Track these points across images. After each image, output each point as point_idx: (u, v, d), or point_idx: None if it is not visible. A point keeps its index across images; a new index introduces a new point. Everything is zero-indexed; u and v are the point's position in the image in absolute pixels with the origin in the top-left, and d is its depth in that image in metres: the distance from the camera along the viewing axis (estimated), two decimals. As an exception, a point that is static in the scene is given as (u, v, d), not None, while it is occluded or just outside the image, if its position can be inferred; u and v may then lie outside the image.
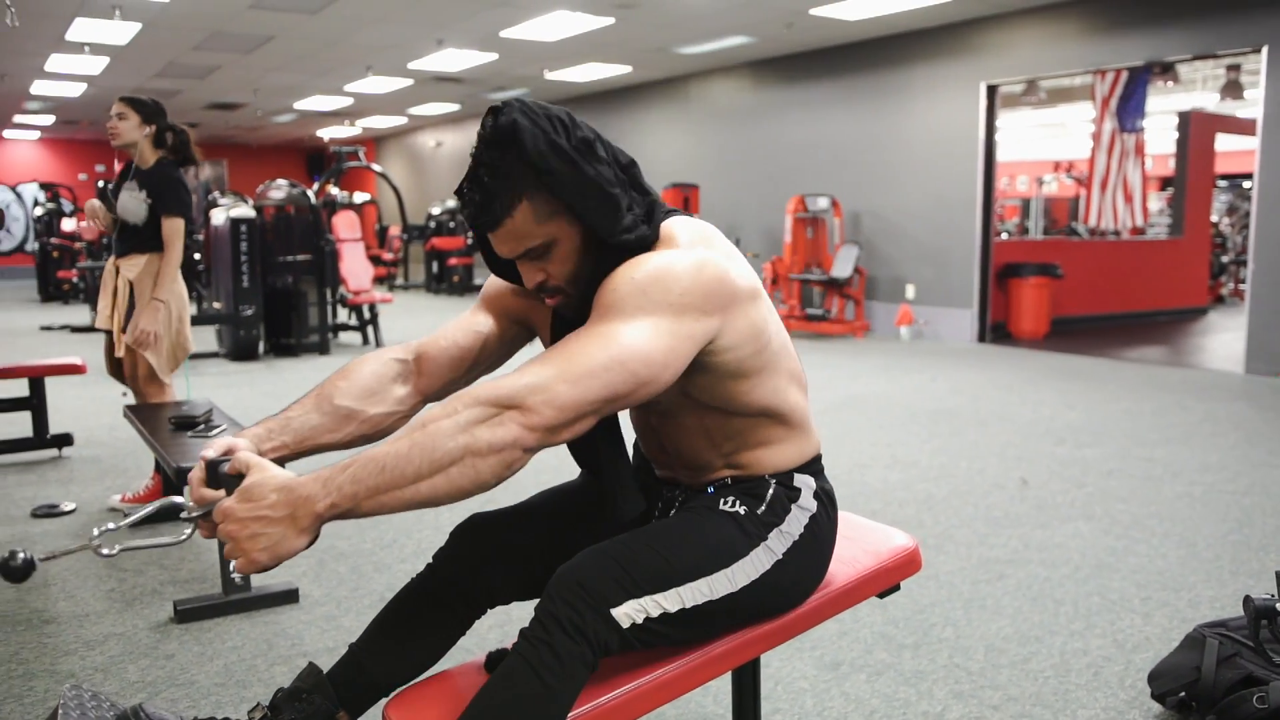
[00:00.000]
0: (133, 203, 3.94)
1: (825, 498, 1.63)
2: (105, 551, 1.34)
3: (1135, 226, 11.27)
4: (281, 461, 1.46)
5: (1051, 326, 10.03)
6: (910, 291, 9.92)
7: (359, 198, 16.82)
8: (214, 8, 8.60)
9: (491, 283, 1.71)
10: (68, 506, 4.07)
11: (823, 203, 10.17)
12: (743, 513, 1.55)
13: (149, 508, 1.38)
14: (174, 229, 3.96)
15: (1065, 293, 10.54)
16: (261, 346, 8.70)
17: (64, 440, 4.97)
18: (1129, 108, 10.43)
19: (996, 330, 9.66)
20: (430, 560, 1.69)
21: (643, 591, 1.42)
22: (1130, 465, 4.67)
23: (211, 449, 1.39)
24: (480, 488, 1.26)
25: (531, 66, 11.77)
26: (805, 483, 1.61)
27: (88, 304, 11.38)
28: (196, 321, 9.32)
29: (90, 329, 10.62)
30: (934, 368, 7.77)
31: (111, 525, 1.36)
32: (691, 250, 1.45)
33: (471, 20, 9.16)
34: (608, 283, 1.40)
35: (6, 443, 4.88)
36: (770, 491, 1.58)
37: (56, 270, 14.38)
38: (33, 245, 17.11)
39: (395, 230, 16.90)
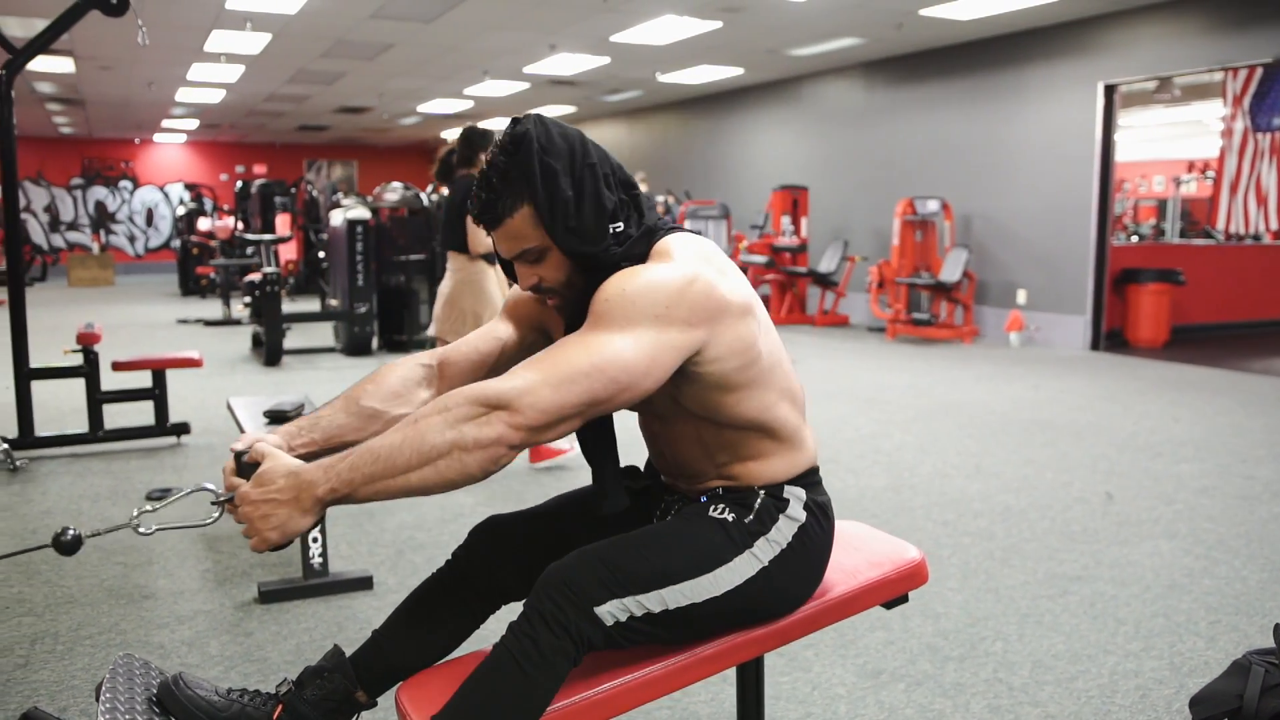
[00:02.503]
0: None
1: (817, 509, 1.68)
2: (143, 530, 1.50)
3: (1272, 230, 10.69)
4: (310, 457, 1.58)
5: (1172, 335, 9.62)
6: (1021, 297, 9.66)
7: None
8: (337, 18, 9.01)
9: (513, 292, 1.82)
10: (179, 492, 4.37)
11: (932, 205, 10.00)
12: (731, 520, 1.61)
13: (183, 491, 1.55)
14: None
15: (1189, 299, 10.09)
16: (375, 343, 9.08)
17: (182, 429, 5.32)
18: (1264, 106, 9.90)
19: (1112, 338, 9.32)
20: (450, 557, 1.80)
21: (626, 591, 1.50)
22: (1227, 483, 4.49)
23: (240, 442, 1.52)
24: (467, 480, 1.37)
25: (643, 69, 11.90)
26: (795, 494, 1.66)
27: (221, 299, 12.03)
28: (316, 318, 9.78)
29: (222, 323, 11.26)
30: (1039, 375, 7.57)
31: (149, 507, 1.53)
32: (684, 265, 1.53)
33: (582, 25, 9.34)
34: (601, 291, 1.49)
35: (131, 430, 5.26)
36: (759, 501, 1.64)
37: (196, 266, 15.24)
38: (176, 242, 18.17)
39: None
